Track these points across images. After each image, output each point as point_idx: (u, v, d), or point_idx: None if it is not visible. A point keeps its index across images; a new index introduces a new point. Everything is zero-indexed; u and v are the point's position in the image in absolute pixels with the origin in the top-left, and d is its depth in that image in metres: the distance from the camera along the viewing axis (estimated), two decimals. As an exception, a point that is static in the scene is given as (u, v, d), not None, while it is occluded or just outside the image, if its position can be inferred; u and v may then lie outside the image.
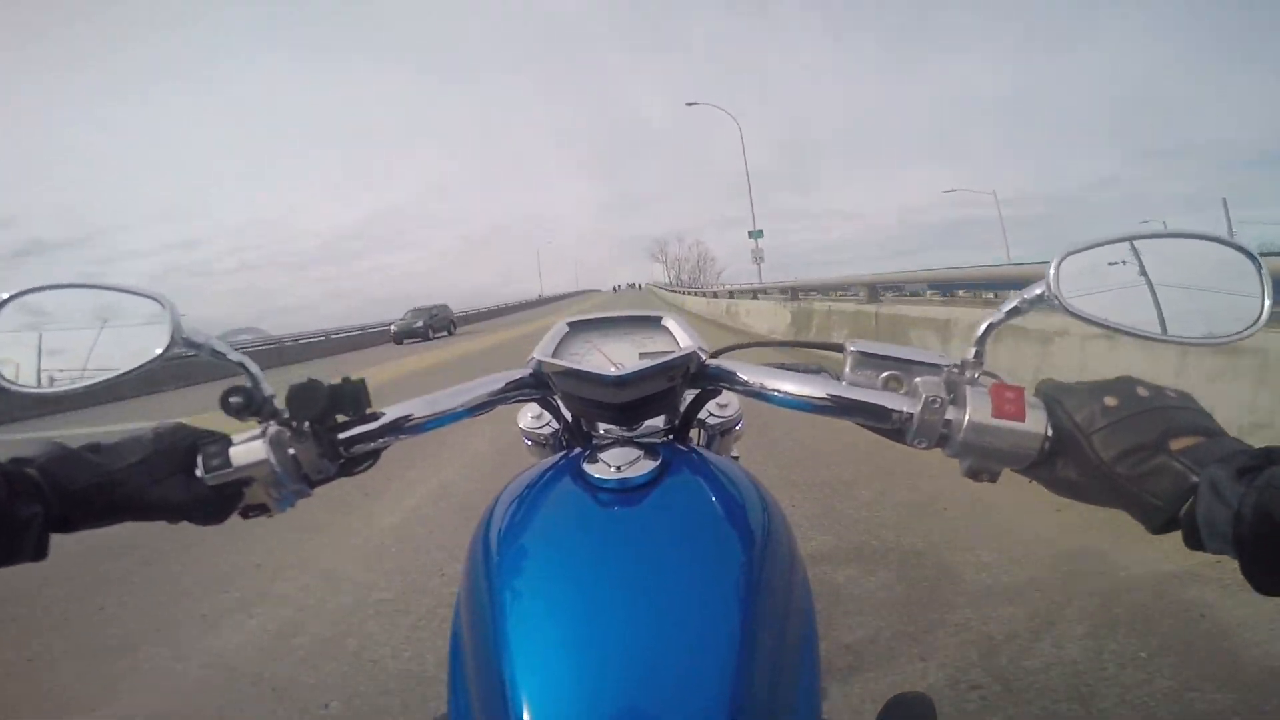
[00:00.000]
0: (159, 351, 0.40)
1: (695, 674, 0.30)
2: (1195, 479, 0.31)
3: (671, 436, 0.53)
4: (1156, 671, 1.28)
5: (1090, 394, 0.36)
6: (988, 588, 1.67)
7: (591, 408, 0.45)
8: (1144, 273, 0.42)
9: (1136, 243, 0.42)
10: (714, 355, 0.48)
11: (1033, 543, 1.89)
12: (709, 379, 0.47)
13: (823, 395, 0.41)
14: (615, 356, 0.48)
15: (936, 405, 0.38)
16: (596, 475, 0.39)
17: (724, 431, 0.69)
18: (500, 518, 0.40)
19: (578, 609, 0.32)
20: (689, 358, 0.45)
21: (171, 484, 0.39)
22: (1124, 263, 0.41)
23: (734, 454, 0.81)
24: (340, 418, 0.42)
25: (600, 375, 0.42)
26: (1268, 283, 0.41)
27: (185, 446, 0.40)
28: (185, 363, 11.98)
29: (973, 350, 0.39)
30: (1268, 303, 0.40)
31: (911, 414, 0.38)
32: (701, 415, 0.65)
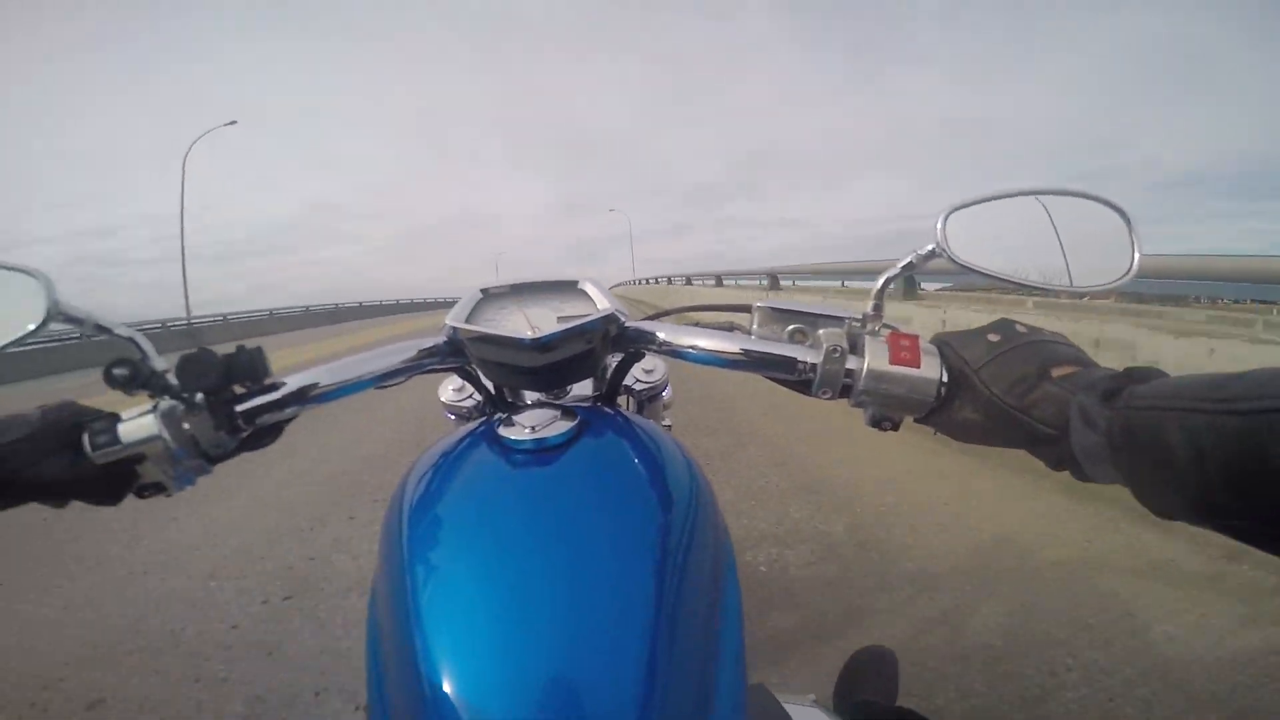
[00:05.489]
0: (32, 327, 0.38)
1: (614, 639, 0.29)
2: None
3: (600, 404, 0.53)
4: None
5: (975, 335, 0.39)
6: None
7: (510, 374, 0.45)
8: (1026, 228, 0.44)
9: (1018, 200, 0.44)
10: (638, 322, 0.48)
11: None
12: (629, 341, 0.47)
13: (735, 350, 0.42)
14: (533, 321, 0.48)
15: (837, 355, 0.39)
16: (512, 437, 0.38)
17: (651, 397, 0.70)
18: (412, 491, 0.39)
19: (491, 578, 0.31)
20: (608, 319, 0.45)
21: (57, 462, 0.37)
22: (1009, 218, 0.44)
23: (666, 422, 0.82)
24: (238, 389, 0.41)
25: (517, 339, 0.42)
26: (1138, 236, 0.44)
27: (71, 424, 0.38)
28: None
29: (871, 304, 0.41)
30: (1138, 255, 0.43)
31: (815, 364, 0.40)
32: (628, 381, 0.66)
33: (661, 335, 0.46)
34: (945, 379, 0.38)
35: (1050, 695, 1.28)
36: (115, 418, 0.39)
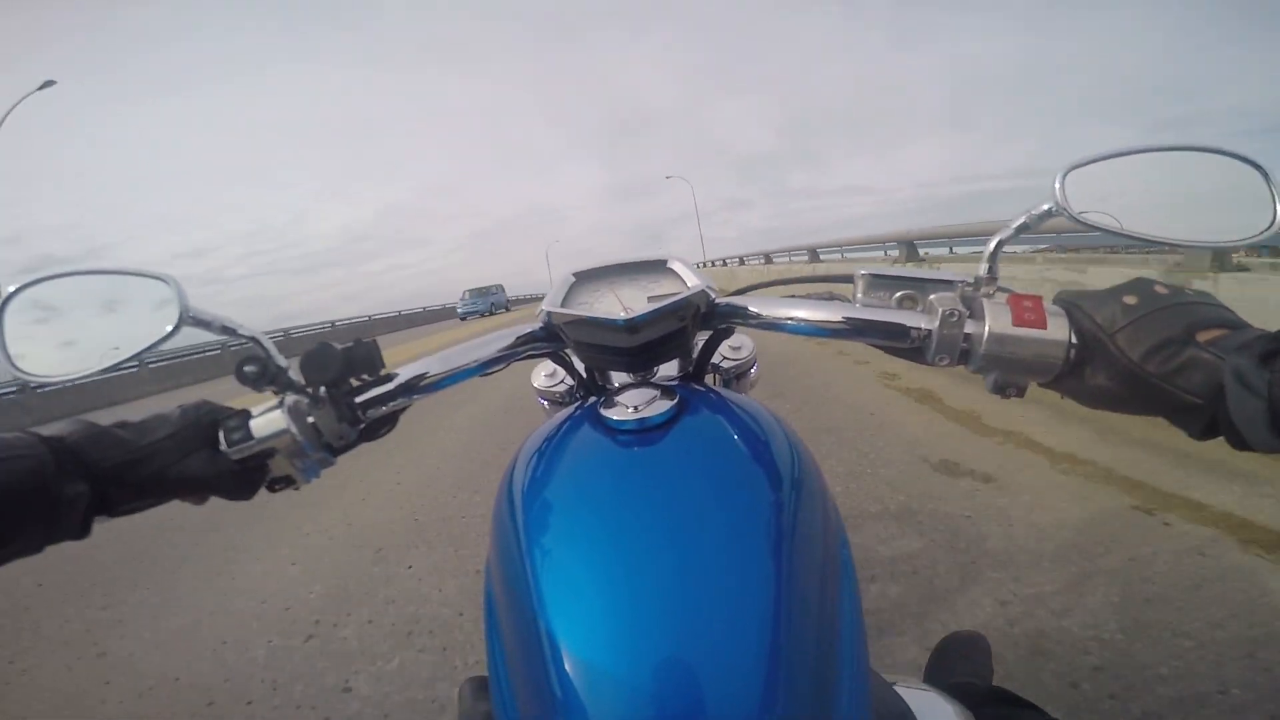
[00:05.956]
0: (169, 329, 0.40)
1: (735, 618, 0.29)
2: None
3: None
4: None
5: (1108, 296, 0.36)
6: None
7: (604, 355, 0.45)
8: (1149, 186, 0.41)
9: (1139, 156, 0.42)
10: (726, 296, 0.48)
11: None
12: (720, 317, 0.46)
13: (838, 319, 0.41)
14: (624, 302, 0.48)
15: (955, 319, 0.37)
16: (615, 418, 0.38)
17: (739, 375, 0.69)
18: (522, 474, 0.40)
19: (608, 557, 0.31)
20: (699, 296, 0.44)
21: (198, 459, 0.40)
22: (1130, 176, 0.41)
23: None
24: (355, 382, 0.42)
25: (611, 320, 0.42)
26: (1278, 189, 0.40)
27: (208, 421, 0.41)
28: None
29: (985, 267, 0.39)
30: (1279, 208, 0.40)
31: (930, 330, 0.38)
32: (715, 360, 0.65)
33: (755, 309, 0.45)
34: (1074, 340, 0.36)
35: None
36: (247, 414, 0.41)
